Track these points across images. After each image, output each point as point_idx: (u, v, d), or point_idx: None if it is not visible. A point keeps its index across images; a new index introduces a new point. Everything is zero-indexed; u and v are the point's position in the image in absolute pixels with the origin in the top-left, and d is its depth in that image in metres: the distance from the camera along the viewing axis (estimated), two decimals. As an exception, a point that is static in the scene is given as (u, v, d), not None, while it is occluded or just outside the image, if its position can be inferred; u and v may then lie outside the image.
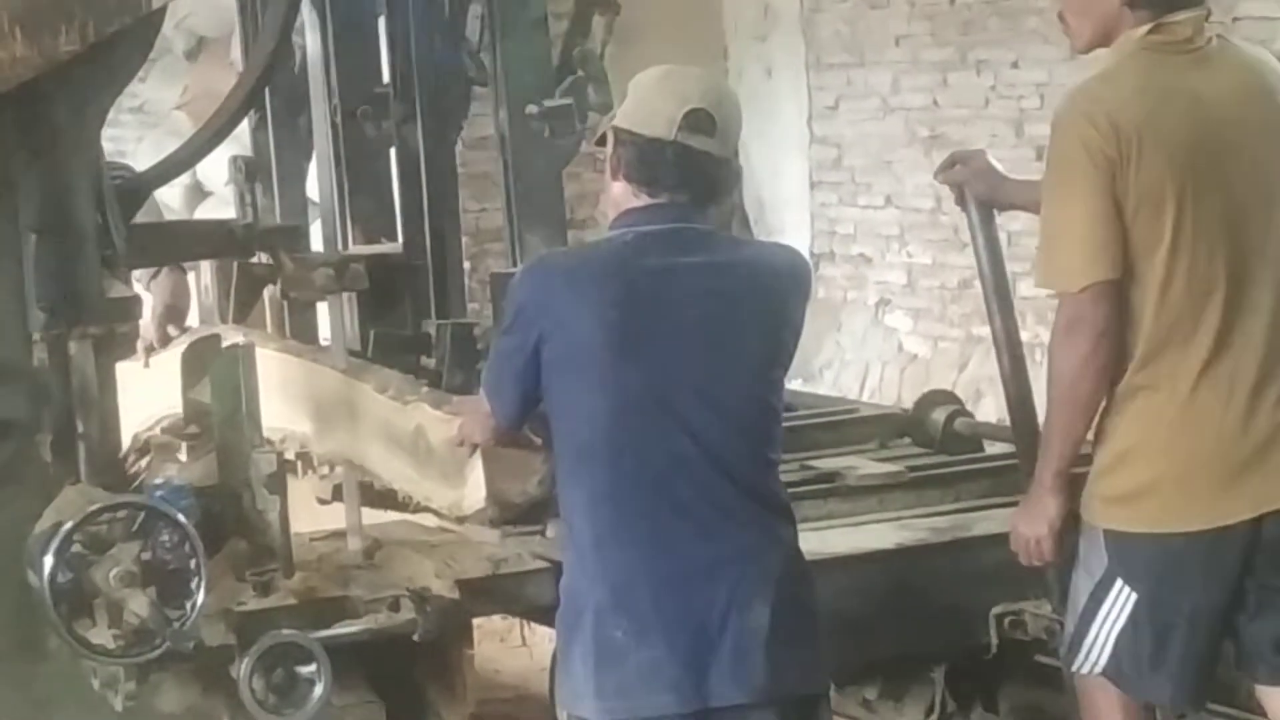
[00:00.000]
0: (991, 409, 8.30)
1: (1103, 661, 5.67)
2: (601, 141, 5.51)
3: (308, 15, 7.54)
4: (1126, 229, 5.45)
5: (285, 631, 5.89)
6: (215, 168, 9.80)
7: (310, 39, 7.79)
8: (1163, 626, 5.57)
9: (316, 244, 7.77)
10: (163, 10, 5.89)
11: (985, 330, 6.90)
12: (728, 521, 5.28)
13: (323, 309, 7.94)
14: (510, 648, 9.09)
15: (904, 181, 10.79)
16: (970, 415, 7.82)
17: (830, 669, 5.68)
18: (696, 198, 5.31)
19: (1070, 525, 5.69)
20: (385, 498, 7.08)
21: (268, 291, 8.34)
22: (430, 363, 7.52)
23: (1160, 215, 5.45)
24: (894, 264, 10.90)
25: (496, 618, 7.87)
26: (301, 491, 7.08)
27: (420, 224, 7.60)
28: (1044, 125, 9.74)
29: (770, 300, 5.40)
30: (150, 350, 7.68)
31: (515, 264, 7.44)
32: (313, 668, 5.86)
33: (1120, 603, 5.60)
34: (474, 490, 6.68)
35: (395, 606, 6.12)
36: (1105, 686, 5.76)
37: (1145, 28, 5.50)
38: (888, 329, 10.95)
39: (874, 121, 11.06)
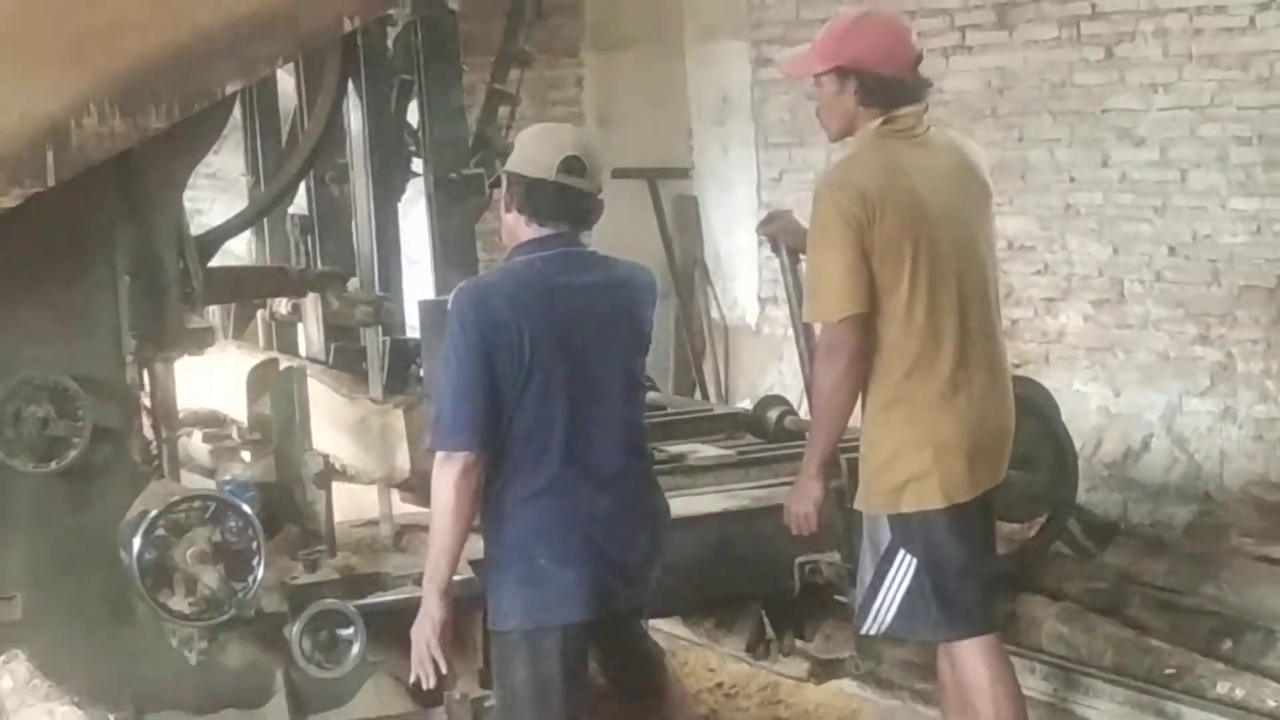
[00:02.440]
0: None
1: (889, 621, 5.96)
2: (497, 183, 5.71)
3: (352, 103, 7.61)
4: (873, 274, 5.73)
5: (329, 601, 5.89)
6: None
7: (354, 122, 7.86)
8: (941, 579, 5.84)
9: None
10: (234, 95, 5.87)
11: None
12: (623, 478, 5.51)
13: (300, 328, 8.33)
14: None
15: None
16: (797, 415, 8.00)
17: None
18: (574, 225, 5.47)
19: (832, 504, 6.21)
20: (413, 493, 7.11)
21: (260, 314, 8.57)
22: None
23: (900, 261, 5.74)
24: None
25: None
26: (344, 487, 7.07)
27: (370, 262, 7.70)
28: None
29: (638, 306, 5.64)
30: None
31: (436, 293, 7.54)
32: (351, 630, 5.88)
33: (904, 569, 5.87)
34: (402, 465, 6.87)
35: (419, 581, 6.09)
36: (949, 651, 6.01)
37: (878, 120, 5.87)
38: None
39: (810, 191, 11.00)
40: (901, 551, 5.87)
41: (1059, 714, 6.75)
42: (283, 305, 8.38)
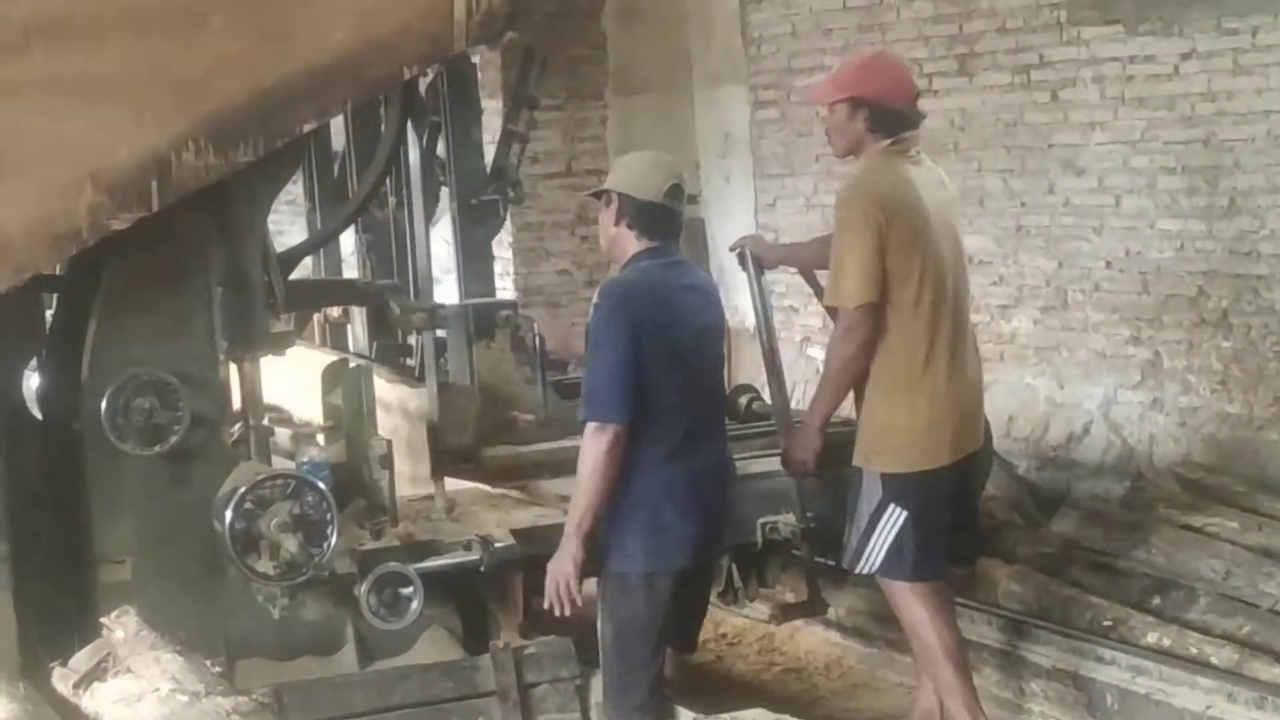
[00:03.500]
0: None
1: (877, 563, 6.02)
2: (597, 195, 5.71)
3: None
4: (887, 269, 5.83)
5: (392, 564, 5.88)
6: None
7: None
8: (926, 530, 5.95)
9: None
10: (311, 133, 5.87)
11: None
12: (717, 444, 5.74)
13: (349, 329, 8.39)
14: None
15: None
16: (764, 400, 7.86)
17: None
18: (674, 239, 5.64)
19: (823, 462, 6.18)
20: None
21: (315, 317, 8.50)
22: (413, 364, 7.64)
23: (910, 260, 5.86)
24: (814, 313, 10.78)
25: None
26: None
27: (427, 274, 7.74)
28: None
29: (719, 304, 5.86)
30: None
31: (461, 299, 7.77)
32: (411, 589, 5.87)
33: (894, 520, 5.96)
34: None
35: (468, 547, 6.09)
36: (906, 587, 6.08)
37: (886, 142, 6.00)
38: (809, 358, 10.86)
39: (800, 215, 10.99)
40: (892, 505, 5.95)
41: (1012, 659, 6.73)
42: (335, 310, 8.40)
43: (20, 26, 5.09)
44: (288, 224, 10.66)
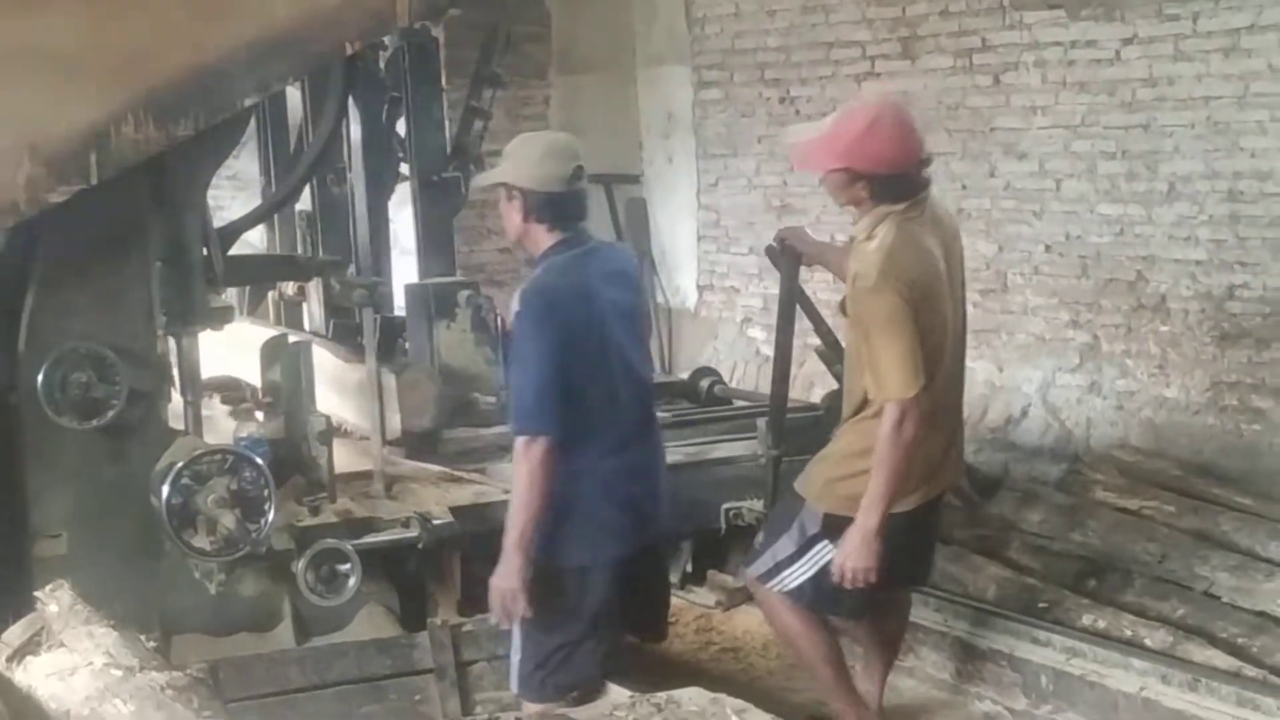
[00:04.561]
0: (820, 393, 8.36)
1: (790, 587, 5.80)
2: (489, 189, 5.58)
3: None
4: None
5: (329, 540, 5.91)
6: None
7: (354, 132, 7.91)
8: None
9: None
10: (252, 108, 5.86)
11: (815, 339, 7.00)
12: (647, 437, 5.48)
13: (304, 307, 8.41)
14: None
15: (762, 237, 10.70)
16: (725, 384, 8.05)
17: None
18: (583, 222, 5.31)
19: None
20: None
21: (270, 295, 8.58)
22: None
23: (928, 332, 5.50)
24: (754, 293, 10.86)
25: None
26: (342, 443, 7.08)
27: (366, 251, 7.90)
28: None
29: (640, 284, 5.66)
30: None
31: (420, 278, 7.89)
32: (349, 566, 5.90)
33: (821, 555, 5.69)
34: (392, 424, 6.96)
35: (407, 524, 6.11)
36: (784, 599, 5.89)
37: (900, 207, 5.54)
38: (749, 339, 10.91)
39: (743, 195, 11.02)
40: (825, 542, 5.69)
41: (949, 641, 6.75)
42: (290, 287, 8.39)
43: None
44: (228, 199, 10.64)
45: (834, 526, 5.67)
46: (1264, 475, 7.79)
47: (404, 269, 8.52)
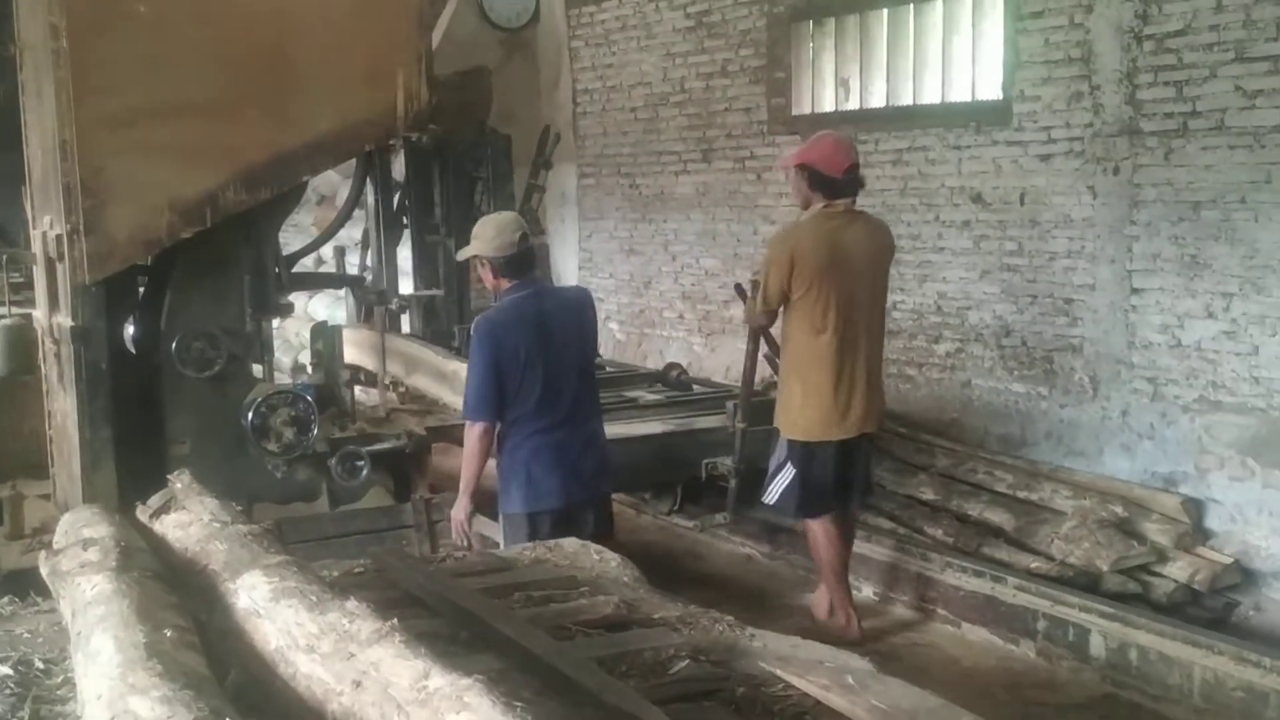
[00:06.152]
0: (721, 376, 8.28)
1: (773, 500, 5.59)
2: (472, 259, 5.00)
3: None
4: (790, 292, 5.33)
5: (350, 446, 5.90)
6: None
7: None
8: (808, 485, 5.51)
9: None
10: (307, 182, 5.84)
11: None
12: (582, 425, 4.93)
13: (401, 318, 7.90)
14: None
15: (619, 269, 10.79)
16: (688, 375, 7.58)
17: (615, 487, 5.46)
18: (533, 271, 4.92)
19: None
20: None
21: (377, 310, 7.65)
22: (455, 345, 7.58)
23: (811, 291, 5.29)
24: (613, 303, 10.87)
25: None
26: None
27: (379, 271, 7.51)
28: (681, 247, 9.73)
29: (585, 315, 4.98)
30: None
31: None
32: (363, 462, 5.89)
33: (788, 473, 5.52)
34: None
35: (399, 437, 6.12)
36: (806, 520, 5.63)
37: (820, 205, 5.34)
38: (610, 331, 10.88)
39: (607, 243, 11.00)
40: (789, 463, 5.51)
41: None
42: (394, 305, 7.84)
43: (133, 110, 5.07)
44: (290, 238, 10.50)
45: (792, 449, 5.49)
46: (916, 414, 7.84)
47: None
